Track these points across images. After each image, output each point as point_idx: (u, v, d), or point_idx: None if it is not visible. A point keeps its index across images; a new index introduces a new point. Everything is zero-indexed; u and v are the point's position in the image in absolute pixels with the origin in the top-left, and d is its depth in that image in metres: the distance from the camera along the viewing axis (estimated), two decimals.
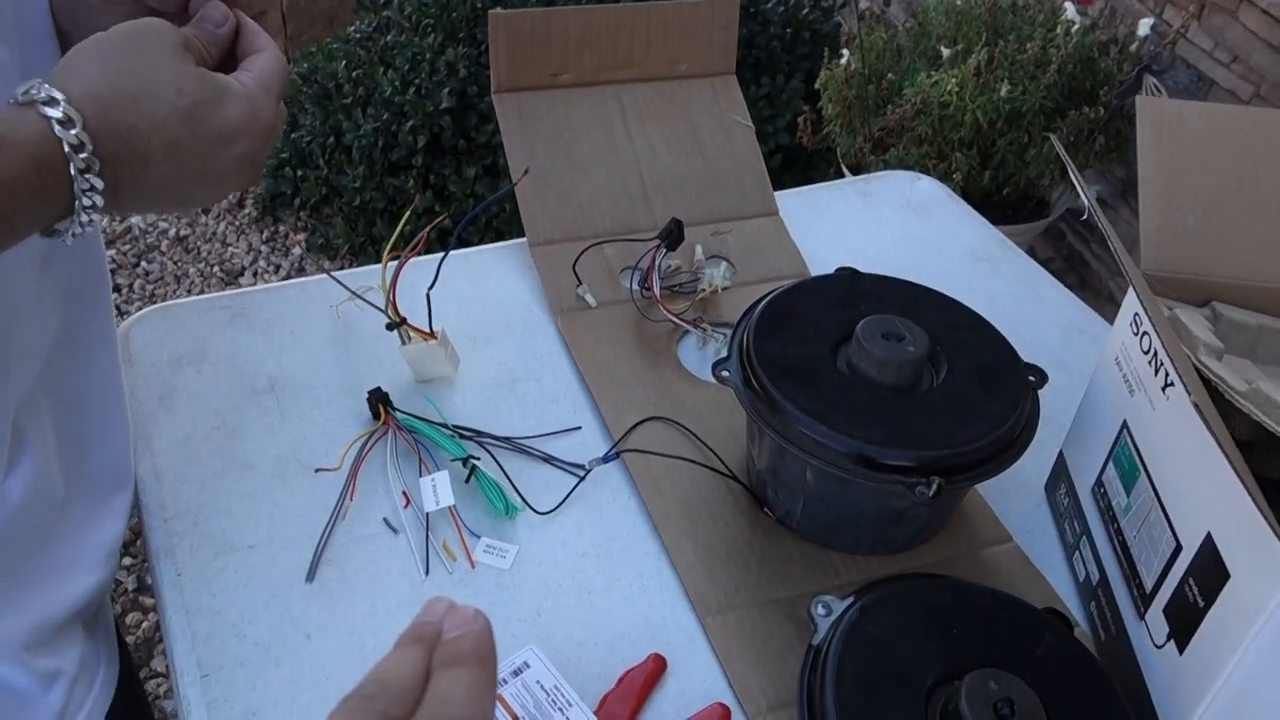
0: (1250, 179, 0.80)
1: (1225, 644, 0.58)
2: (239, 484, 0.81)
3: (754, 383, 0.75)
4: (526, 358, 0.95)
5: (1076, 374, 0.94)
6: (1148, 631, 0.67)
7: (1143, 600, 0.68)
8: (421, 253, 0.85)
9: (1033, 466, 0.83)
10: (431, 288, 0.85)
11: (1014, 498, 0.85)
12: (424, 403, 0.87)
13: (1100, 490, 0.76)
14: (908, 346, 0.74)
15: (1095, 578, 0.75)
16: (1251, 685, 0.57)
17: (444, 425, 0.85)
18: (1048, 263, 2.69)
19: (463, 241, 1.01)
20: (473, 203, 2.53)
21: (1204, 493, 0.61)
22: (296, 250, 2.84)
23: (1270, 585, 0.54)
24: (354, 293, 0.88)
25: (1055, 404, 0.80)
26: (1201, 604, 0.60)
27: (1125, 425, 0.73)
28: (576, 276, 0.99)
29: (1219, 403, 0.66)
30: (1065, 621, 0.69)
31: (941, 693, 0.60)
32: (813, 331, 0.78)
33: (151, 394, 0.88)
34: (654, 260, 0.97)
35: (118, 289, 2.65)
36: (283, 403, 0.88)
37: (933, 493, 0.68)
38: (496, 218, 2.53)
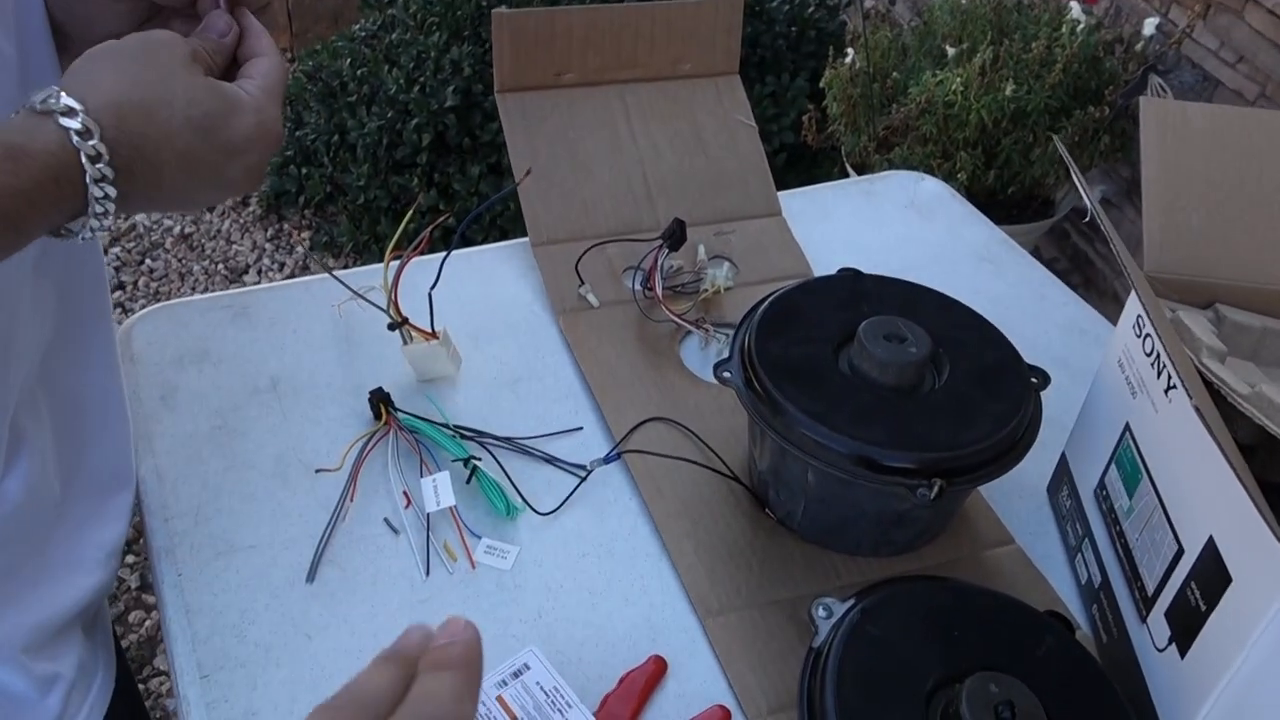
0: (1254, 180, 0.80)
1: (1227, 648, 0.58)
2: (240, 484, 0.81)
3: (755, 384, 0.75)
4: (528, 358, 0.94)
5: (1079, 375, 0.94)
6: (1149, 635, 0.66)
7: (1145, 603, 0.67)
8: (424, 252, 0.85)
9: (1035, 468, 0.83)
10: (434, 287, 0.85)
11: (1016, 499, 0.85)
12: (425, 403, 0.87)
13: (1103, 492, 0.76)
14: (910, 348, 0.74)
15: (1097, 580, 0.75)
16: (1253, 689, 0.57)
17: (445, 425, 0.84)
18: (1052, 263, 2.69)
19: (466, 240, 1.01)
20: (477, 201, 2.53)
21: (1206, 496, 0.61)
22: (301, 248, 2.84)
23: (1272, 589, 0.54)
24: (356, 292, 0.88)
25: (1058, 405, 0.80)
26: (1203, 607, 0.60)
27: (1128, 428, 0.72)
28: (579, 276, 0.98)
29: (1221, 406, 0.66)
30: (1067, 624, 0.68)
31: (942, 695, 0.60)
32: (815, 332, 0.78)
33: (153, 393, 0.88)
34: (656, 260, 0.97)
35: (122, 286, 2.65)
36: (284, 402, 0.88)
37: (934, 495, 0.68)
38: (501, 216, 2.53)
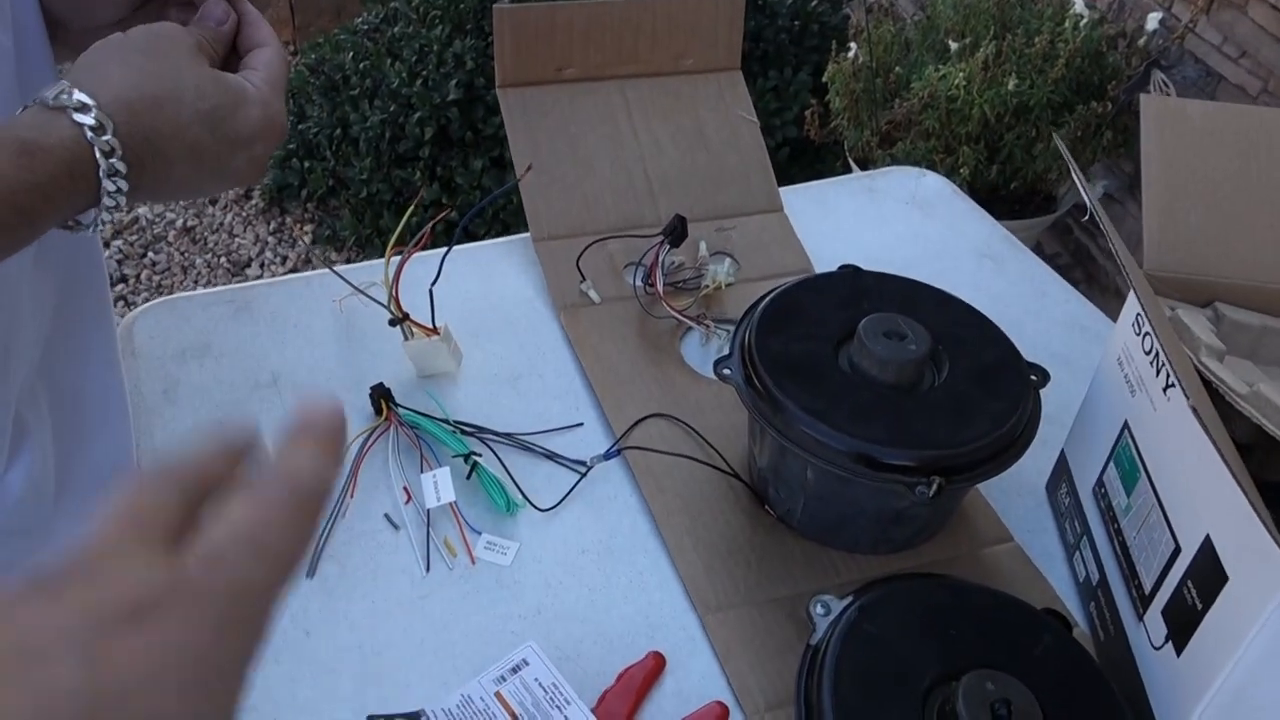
0: (1255, 179, 0.80)
1: (1223, 647, 0.58)
2: None
3: (755, 381, 0.75)
4: (529, 353, 0.95)
5: (1080, 371, 0.94)
6: (1146, 633, 0.67)
7: (1142, 601, 0.68)
8: (426, 247, 0.85)
9: (1034, 465, 0.83)
10: (434, 283, 0.85)
11: (1015, 496, 0.85)
12: (426, 398, 0.87)
13: (1101, 490, 0.76)
14: (909, 345, 0.74)
15: (1095, 578, 0.75)
16: (1248, 688, 0.57)
17: (446, 421, 0.85)
18: (1054, 258, 2.69)
19: (469, 233, 1.01)
20: (479, 195, 2.53)
21: (1203, 495, 0.61)
22: (303, 242, 2.84)
23: (1267, 589, 0.54)
24: (357, 288, 0.89)
25: (1058, 402, 0.80)
26: (1199, 606, 0.60)
27: (1126, 425, 0.72)
28: (580, 272, 0.98)
29: (1220, 405, 0.66)
30: (1064, 622, 0.69)
31: (939, 693, 0.60)
32: (815, 329, 0.78)
33: (155, 387, 0.88)
34: (658, 256, 0.97)
35: (124, 280, 2.65)
36: (285, 397, 0.88)
37: (933, 493, 0.68)
38: (503, 209, 2.53)
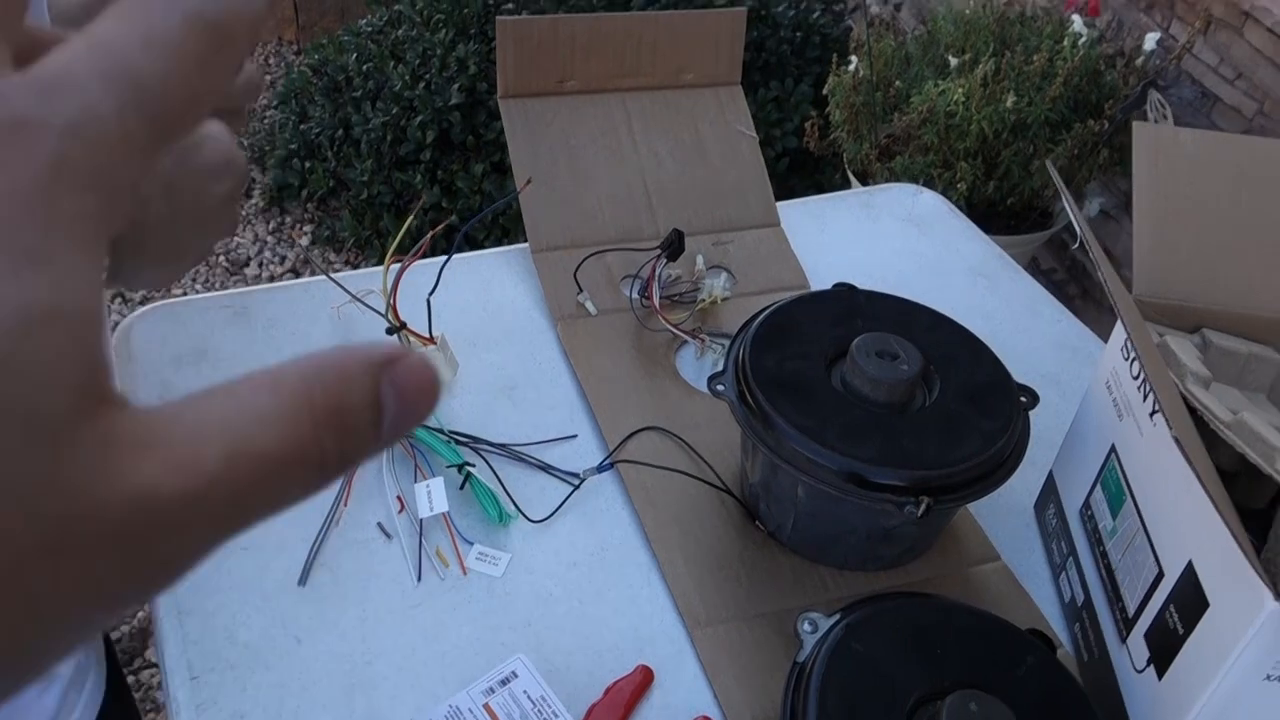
0: (1245, 207, 0.80)
1: (1203, 672, 0.58)
2: None
3: (748, 398, 0.76)
4: (525, 364, 0.95)
5: (1070, 392, 0.95)
6: (1129, 655, 0.67)
7: (1125, 624, 0.68)
8: (425, 255, 0.86)
9: (1023, 485, 0.84)
10: (433, 293, 0.86)
11: (1003, 516, 0.86)
12: None
13: (1088, 512, 0.77)
14: (901, 365, 0.75)
15: (1080, 599, 0.76)
16: (1226, 713, 0.57)
17: (440, 431, 0.85)
18: (1050, 273, 2.70)
19: (469, 239, 1.02)
20: (480, 199, 2.54)
21: (1186, 521, 0.62)
22: (303, 242, 2.85)
23: (1247, 616, 0.54)
24: (354, 296, 0.89)
25: (1048, 422, 0.81)
26: (1181, 631, 0.61)
27: (1113, 449, 0.73)
28: (578, 284, 0.99)
29: (1204, 431, 0.67)
30: (1049, 643, 0.69)
31: (924, 713, 0.61)
32: (808, 347, 0.79)
33: (151, 393, 0.88)
34: (655, 270, 0.97)
35: None
36: None
37: (921, 512, 0.69)
38: (503, 216, 2.54)
